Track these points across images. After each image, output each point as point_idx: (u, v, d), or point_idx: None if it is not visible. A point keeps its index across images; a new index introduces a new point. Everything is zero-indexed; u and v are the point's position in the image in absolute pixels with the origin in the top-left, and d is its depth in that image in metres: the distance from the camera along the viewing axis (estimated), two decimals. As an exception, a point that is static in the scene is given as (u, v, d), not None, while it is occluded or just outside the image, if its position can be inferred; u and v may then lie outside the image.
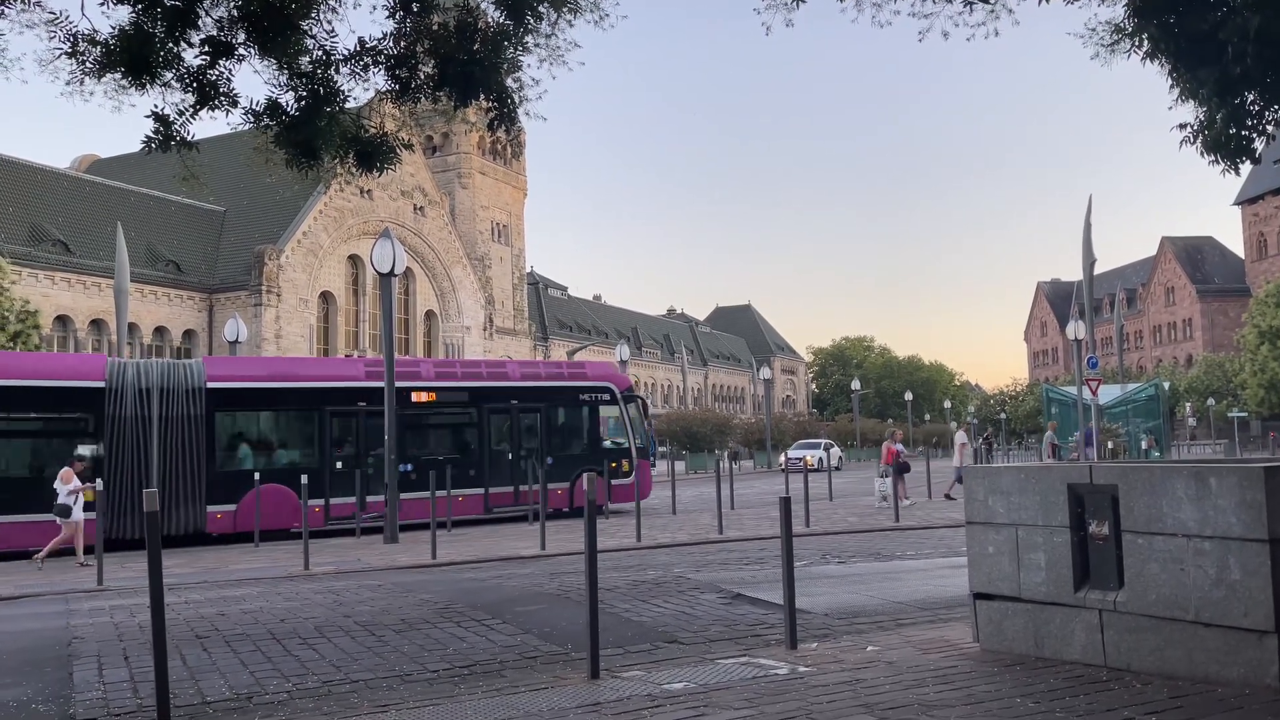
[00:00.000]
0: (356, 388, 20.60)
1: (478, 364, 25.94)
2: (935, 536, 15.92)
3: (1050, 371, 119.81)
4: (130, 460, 18.02)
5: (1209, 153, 8.46)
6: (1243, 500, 5.06)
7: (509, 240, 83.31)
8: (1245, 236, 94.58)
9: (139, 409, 18.24)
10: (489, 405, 22.19)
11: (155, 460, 18.22)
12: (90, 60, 7.43)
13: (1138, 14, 8.23)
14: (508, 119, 8.58)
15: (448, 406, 22.17)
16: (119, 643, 8.40)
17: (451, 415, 22.45)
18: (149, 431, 18.26)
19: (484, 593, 10.69)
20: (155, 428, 18.30)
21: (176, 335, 59.41)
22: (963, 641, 6.66)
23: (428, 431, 22.21)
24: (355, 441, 20.59)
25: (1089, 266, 30.15)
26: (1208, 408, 71.43)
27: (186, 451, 18.55)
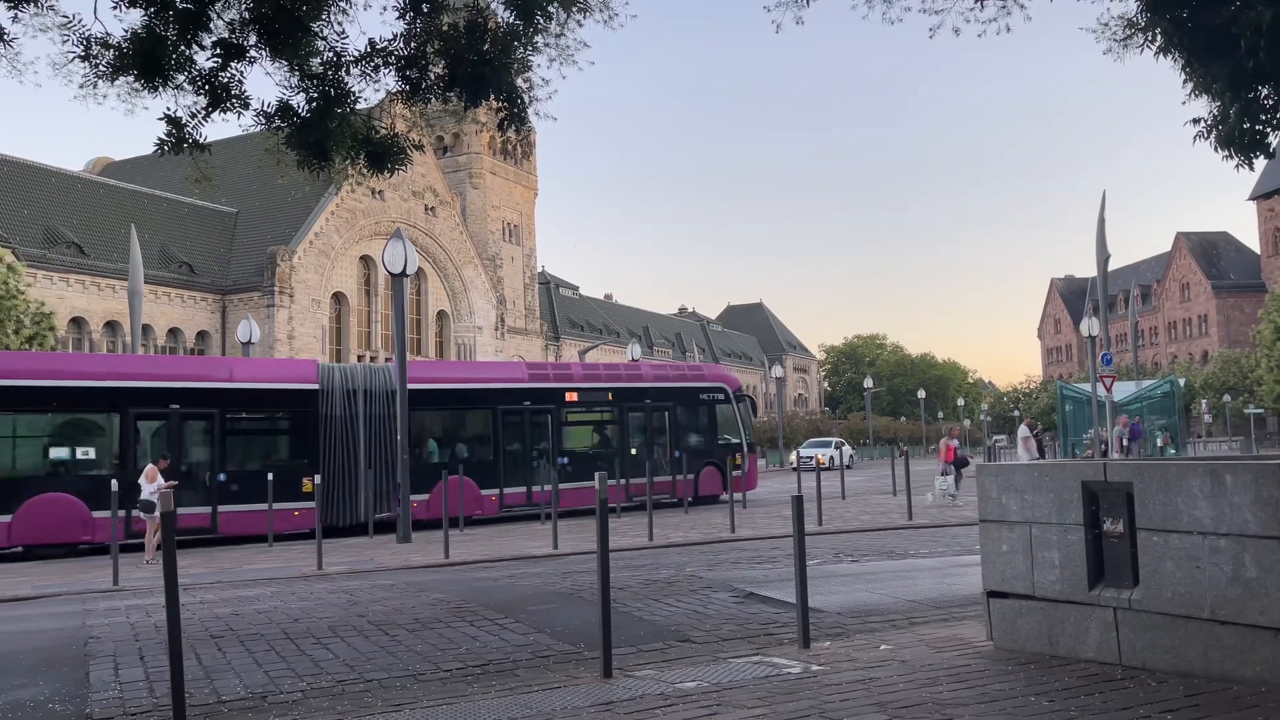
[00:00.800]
0: (522, 388, 22.95)
1: (616, 366, 27.86)
2: (948, 534, 15.87)
3: (1064, 368, 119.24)
4: (341, 454, 20.07)
5: (1223, 148, 8.41)
6: (1259, 497, 5.03)
7: (520, 240, 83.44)
8: (1261, 232, 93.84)
9: (347, 408, 20.34)
10: (628, 404, 24.39)
11: (362, 454, 20.27)
12: (103, 63, 7.48)
13: (1151, 8, 8.18)
14: (518, 119, 8.60)
15: (596, 405, 24.30)
16: (135, 642, 8.45)
17: (598, 413, 24.49)
18: (356, 428, 20.33)
19: (497, 592, 10.71)
20: (361, 425, 20.40)
21: (190, 336, 59.72)
22: (976, 640, 6.64)
23: (579, 428, 24.28)
24: (522, 437, 22.79)
25: (1103, 262, 29.96)
26: (1223, 404, 70.97)
27: (384, 446, 20.52)
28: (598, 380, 24.62)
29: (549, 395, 23.15)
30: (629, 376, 25.42)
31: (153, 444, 18.75)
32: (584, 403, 23.94)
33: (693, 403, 25.54)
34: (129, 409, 18.44)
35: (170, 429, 18.91)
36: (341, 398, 20.28)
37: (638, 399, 24.57)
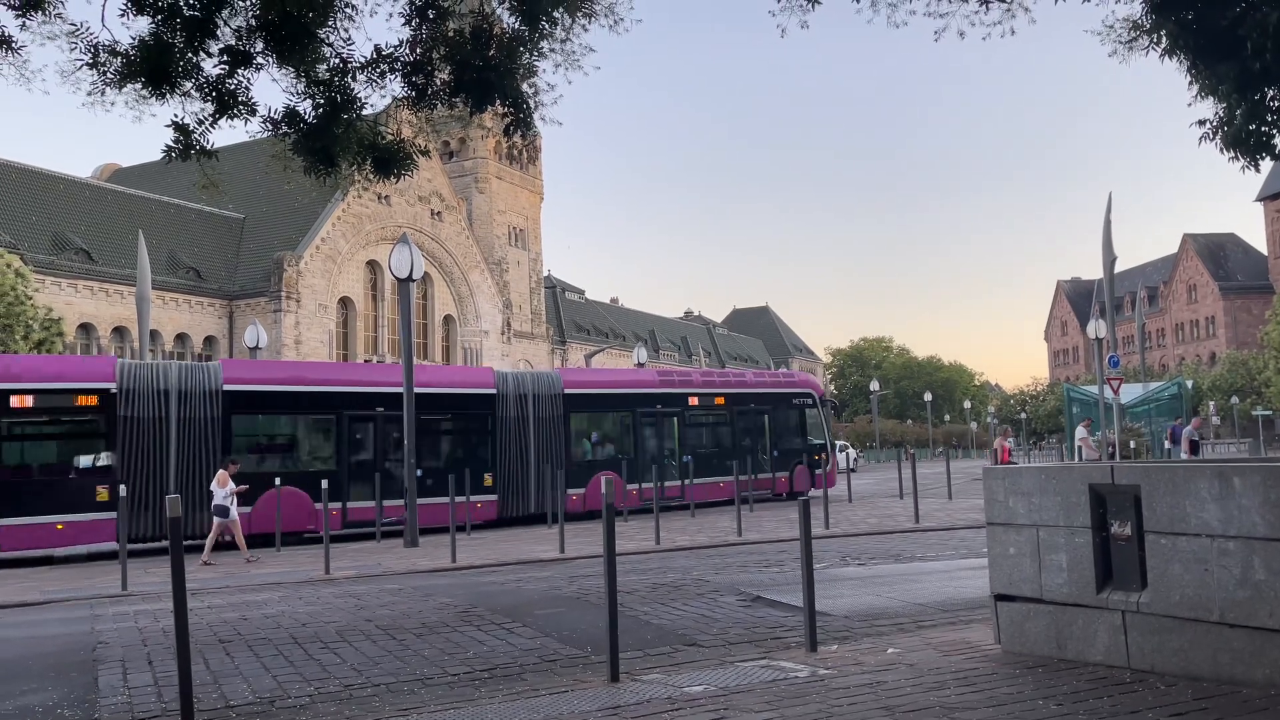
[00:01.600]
0: (657, 393, 25.16)
1: (727, 373, 30.70)
2: (956, 538, 15.84)
3: (1071, 371, 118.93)
4: (515, 452, 22.16)
5: (1229, 149, 8.39)
6: (1267, 499, 5.02)
7: (526, 244, 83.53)
8: (1268, 233, 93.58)
9: (519, 410, 22.40)
10: (737, 408, 26.56)
11: (533, 451, 22.28)
12: (111, 71, 7.52)
13: (1156, 10, 8.18)
14: (524, 124, 8.63)
15: (712, 409, 26.38)
16: (143, 647, 8.48)
17: (714, 416, 26.49)
18: (527, 428, 22.45)
19: (503, 596, 10.72)
20: (531, 426, 22.52)
21: (197, 342, 59.87)
22: (984, 643, 6.62)
23: (699, 429, 26.42)
24: (658, 437, 24.98)
25: (1109, 264, 29.90)
26: (1231, 406, 70.70)
27: (549, 445, 22.60)
28: (713, 386, 27.05)
29: (676, 399, 25.43)
30: (737, 383, 28.02)
31: (361, 442, 20.84)
32: (703, 406, 26.14)
33: (788, 406, 27.87)
34: (344, 411, 20.53)
35: (375, 429, 20.83)
36: (515, 401, 22.45)
37: (745, 403, 26.81)
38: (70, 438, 18.49)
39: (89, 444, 18.28)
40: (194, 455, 18.54)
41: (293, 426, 20.66)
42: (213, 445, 18.74)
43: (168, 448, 18.33)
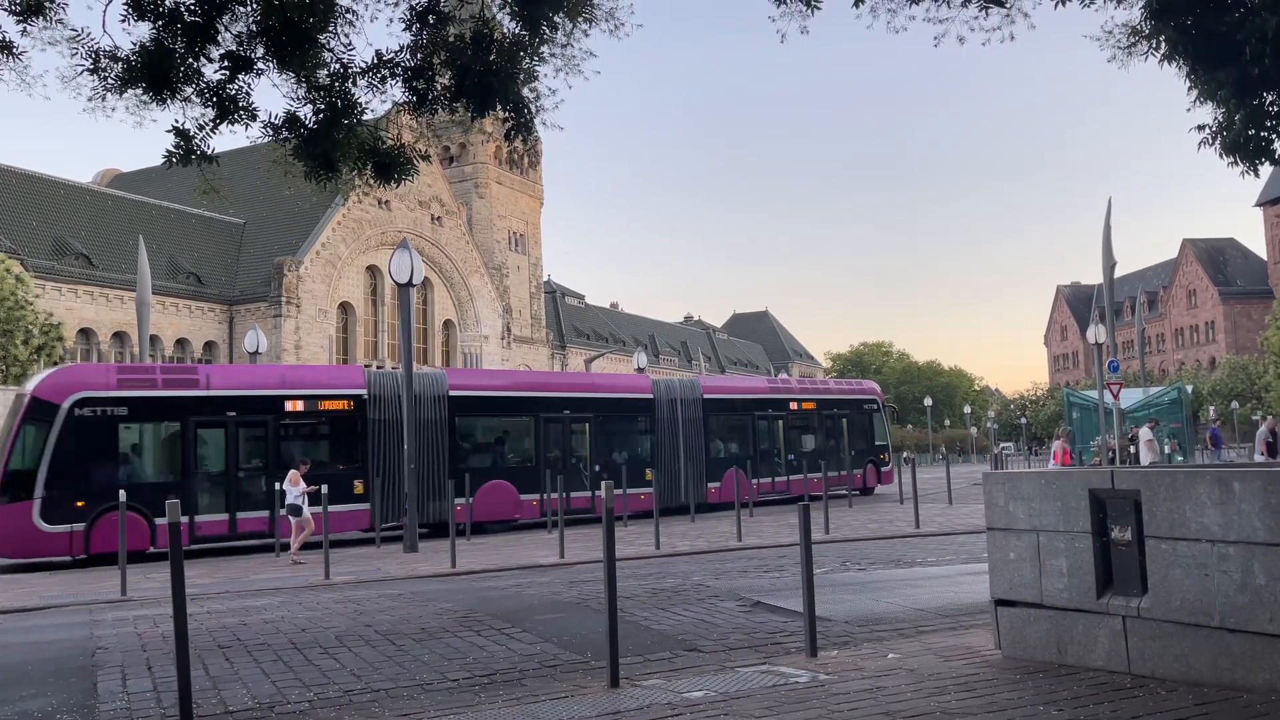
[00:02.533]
0: (769, 398, 28.50)
1: (815, 381, 34.35)
2: (956, 542, 15.83)
3: (1071, 375, 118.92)
4: (668, 449, 24.90)
5: (1228, 154, 8.41)
6: (1267, 504, 5.01)
7: (526, 249, 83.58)
8: (1268, 238, 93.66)
9: (671, 413, 25.11)
10: (824, 412, 29.69)
11: (682, 449, 24.97)
12: (112, 76, 7.54)
13: (1155, 16, 8.20)
14: (524, 129, 8.64)
15: (808, 413, 29.38)
16: (142, 653, 8.47)
17: (808, 419, 29.48)
18: (677, 428, 25.16)
19: (503, 601, 10.71)
20: (680, 427, 25.24)
21: (198, 347, 59.88)
22: (984, 648, 6.62)
23: (798, 431, 29.13)
24: (770, 438, 27.91)
25: (1109, 269, 29.90)
26: (1231, 411, 70.70)
27: (693, 444, 25.31)
28: (808, 392, 30.59)
29: (781, 404, 28.61)
30: (822, 389, 31.62)
31: (551, 441, 23.39)
32: (800, 410, 29.16)
33: (859, 410, 30.95)
34: (540, 414, 23.18)
35: (562, 430, 23.56)
36: (666, 404, 25.20)
37: (829, 408, 29.96)
38: (331, 437, 20.60)
39: (346, 442, 20.42)
40: (427, 452, 20.75)
41: (501, 427, 23.32)
42: (441, 444, 21.17)
43: (398, 444, 20.03)
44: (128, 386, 18.17)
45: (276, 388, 19.94)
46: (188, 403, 18.66)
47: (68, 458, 17.09)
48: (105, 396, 17.73)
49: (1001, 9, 8.26)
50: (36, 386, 17.73)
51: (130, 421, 18.11)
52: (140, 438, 18.62)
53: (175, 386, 18.82)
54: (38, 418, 17.14)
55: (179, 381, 19.07)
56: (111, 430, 17.79)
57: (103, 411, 17.60)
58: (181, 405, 18.60)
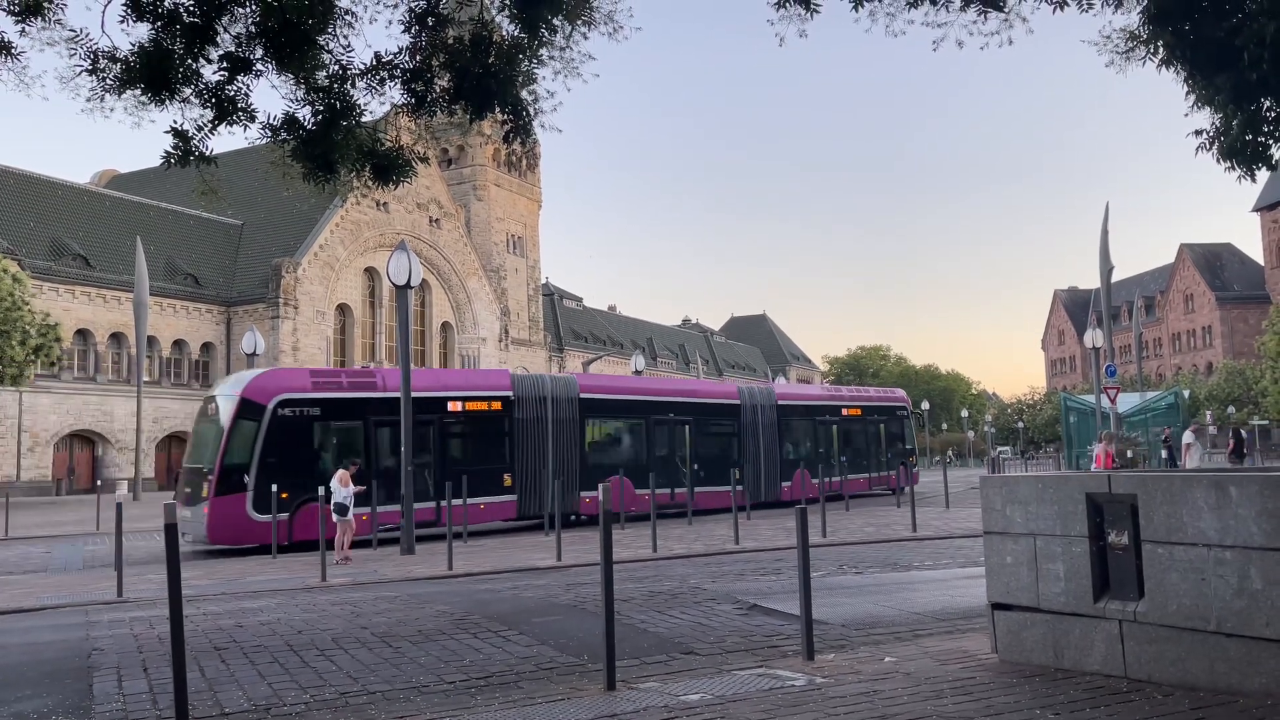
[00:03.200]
0: (827, 404, 31.68)
1: (857, 389, 36.56)
2: (953, 546, 15.84)
3: (1068, 380, 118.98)
4: (752, 452, 27.17)
5: (1225, 159, 8.42)
6: (1264, 509, 5.02)
7: (524, 252, 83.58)
8: (1265, 243, 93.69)
9: (753, 417, 27.60)
10: (869, 417, 32.33)
11: (762, 452, 27.47)
12: (110, 77, 7.53)
13: (1153, 21, 8.21)
14: (523, 131, 8.64)
15: (856, 418, 31.98)
16: (138, 654, 8.45)
17: (856, 424, 31.97)
18: (759, 431, 27.62)
19: (500, 604, 10.70)
20: (760, 431, 27.62)
21: (195, 348, 59.81)
22: (981, 652, 6.62)
23: (847, 434, 31.62)
24: (828, 440, 30.58)
25: (1106, 274, 30.01)
26: (1228, 416, 70.75)
27: (770, 445, 27.91)
28: (855, 399, 33.10)
29: (835, 410, 31.39)
30: (865, 396, 34.17)
31: (659, 440, 25.60)
32: (850, 416, 31.76)
33: (894, 416, 33.65)
34: (650, 415, 25.43)
35: (668, 431, 25.73)
36: (750, 410, 27.51)
37: (872, 413, 32.71)
38: (483, 435, 22.23)
39: (495, 439, 22.07)
40: (562, 449, 22.63)
41: (620, 428, 25.43)
42: (575, 442, 23.08)
43: (545, 443, 22.37)
44: (320, 389, 19.79)
45: (440, 390, 21.66)
46: (368, 403, 20.16)
47: (273, 454, 18.43)
48: (302, 398, 19.21)
49: (1000, 13, 8.27)
50: (245, 389, 18.94)
51: (322, 420, 19.60)
52: (331, 435, 20.00)
53: (358, 389, 20.36)
54: (247, 417, 18.48)
55: (360, 384, 20.59)
56: (308, 428, 19.29)
57: (300, 411, 19.04)
58: (363, 405, 20.12)
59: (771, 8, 8.19)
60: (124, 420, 52.74)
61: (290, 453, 18.73)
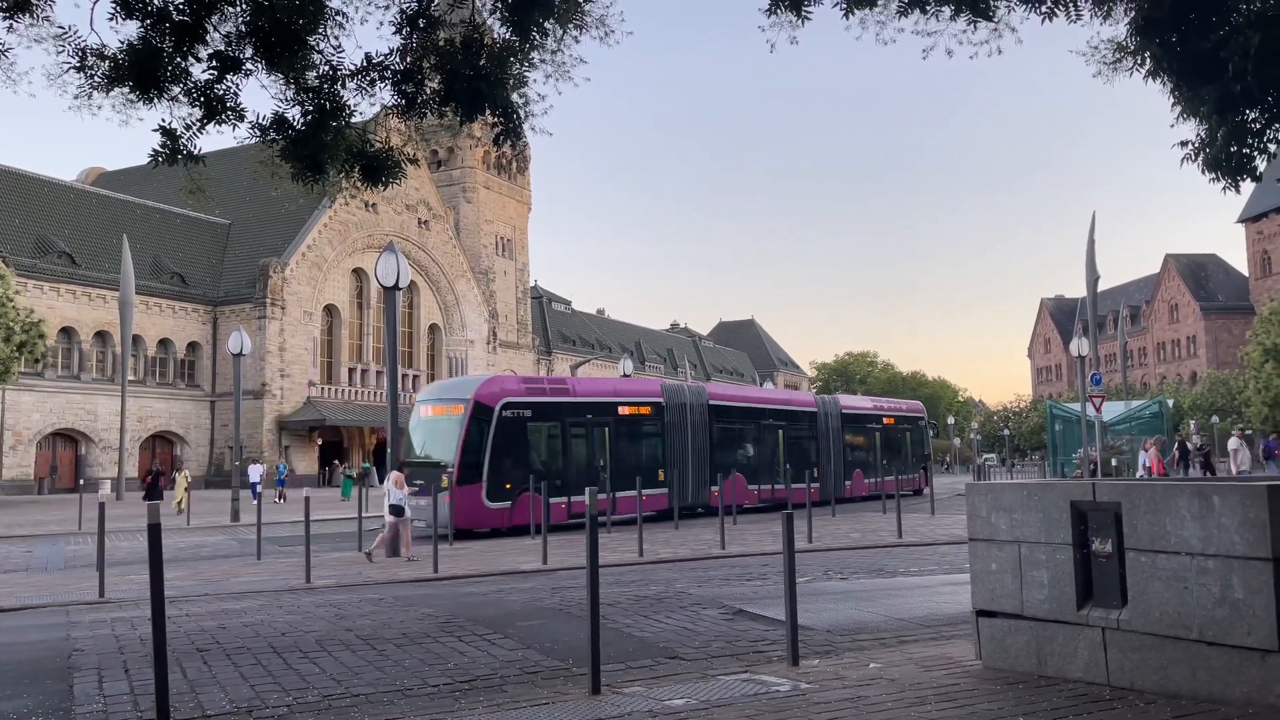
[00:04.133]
0: (873, 413, 35.58)
1: (889, 400, 42.14)
2: (938, 553, 15.88)
3: (1054, 388, 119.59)
4: (825, 455, 30.98)
5: (1210, 170, 8.48)
6: (1246, 519, 5.05)
7: (513, 254, 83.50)
8: (1249, 254, 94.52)
9: (826, 425, 31.61)
10: (901, 426, 36.86)
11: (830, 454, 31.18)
12: (98, 74, 7.50)
13: (1140, 32, 8.27)
14: (513, 134, 8.63)
15: (889, 427, 35.88)
16: (119, 655, 8.39)
17: (890, 432, 35.98)
18: (828, 436, 31.48)
19: (485, 607, 10.68)
20: (830, 436, 31.53)
21: (180, 347, 59.53)
22: (965, 659, 6.64)
23: (884, 441, 35.46)
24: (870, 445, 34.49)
25: (1093, 283, 30.21)
26: (1212, 425, 71.24)
27: (836, 449, 31.72)
28: (893, 411, 37.47)
29: (878, 419, 35.39)
30: (897, 408, 38.28)
31: (764, 442, 29.10)
32: (888, 425, 35.77)
33: (916, 425, 38.02)
34: (758, 420, 29.25)
35: (768, 434, 29.50)
36: (823, 417, 31.54)
37: (901, 423, 36.86)
38: (642, 435, 25.47)
39: (651, 439, 25.44)
40: (695, 449, 25.83)
41: (736, 431, 28.46)
42: (706, 443, 26.28)
43: (686, 443, 25.58)
44: (530, 394, 22.84)
45: (611, 396, 25.07)
46: (564, 407, 23.38)
47: (499, 449, 21.26)
48: (520, 401, 22.08)
49: (989, 23, 8.31)
50: (476, 393, 21.67)
51: (533, 420, 22.46)
52: (539, 434, 22.89)
53: (556, 394, 23.60)
54: (480, 418, 21.15)
55: (557, 389, 23.99)
56: (524, 428, 22.13)
57: (518, 413, 21.90)
58: (560, 408, 23.30)
59: (763, 14, 8.22)
60: (108, 419, 52.43)
61: (511, 449, 21.60)
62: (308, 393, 61.84)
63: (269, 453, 58.30)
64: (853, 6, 8.15)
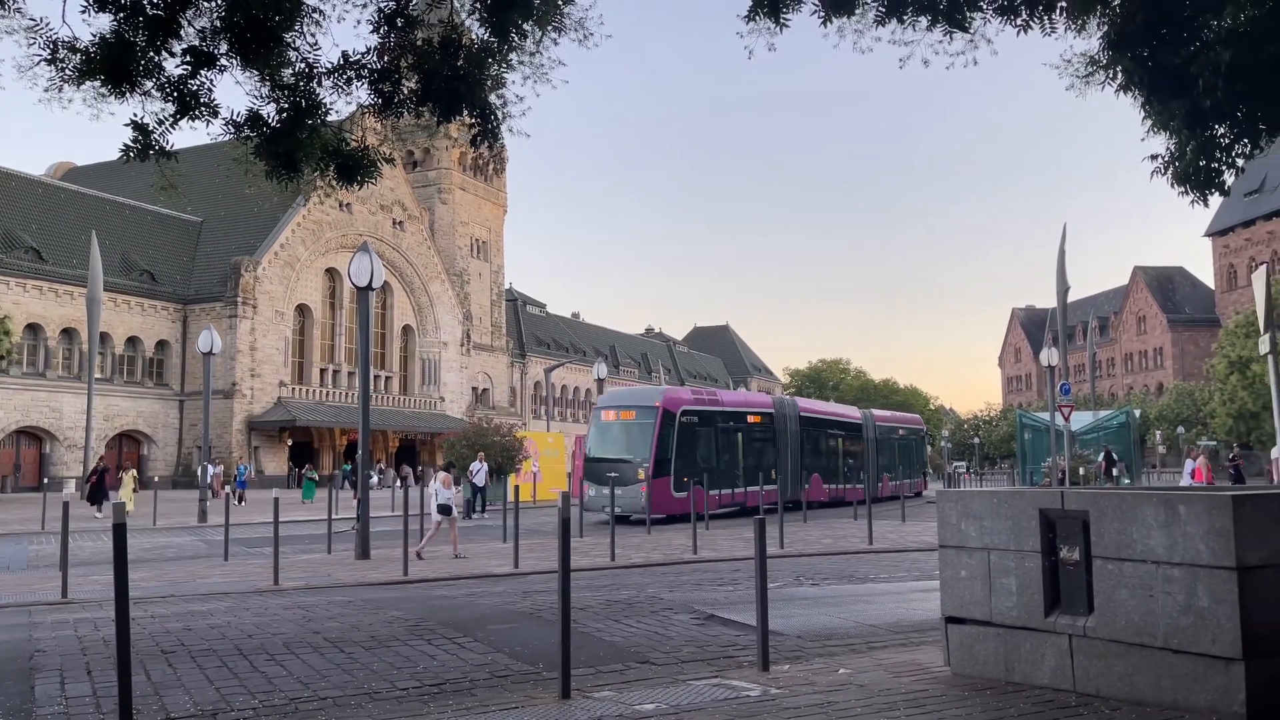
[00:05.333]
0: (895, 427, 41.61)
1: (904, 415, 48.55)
2: (908, 559, 15.98)
3: (1024, 397, 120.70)
4: (869, 461, 35.95)
5: (1179, 184, 8.59)
6: (1211, 528, 5.12)
7: (488, 256, 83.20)
8: (1215, 268, 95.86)
9: (869, 435, 37.51)
10: (910, 437, 42.88)
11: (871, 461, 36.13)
12: (70, 67, 7.39)
13: (1112, 47, 8.37)
14: (491, 135, 8.60)
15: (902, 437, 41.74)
16: (82, 656, 8.27)
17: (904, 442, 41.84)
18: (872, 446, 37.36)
19: (455, 610, 10.61)
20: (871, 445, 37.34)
21: (149, 346, 58.80)
22: (934, 665, 6.68)
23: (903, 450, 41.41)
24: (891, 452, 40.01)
25: (1063, 294, 30.47)
26: (1177, 435, 72.18)
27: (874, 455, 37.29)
28: (904, 423, 43.76)
29: (895, 430, 41.29)
30: (905, 422, 44.20)
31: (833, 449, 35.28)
32: (902, 436, 41.96)
33: (917, 435, 44.35)
34: (827, 430, 35.16)
35: (834, 441, 35.33)
36: (868, 428, 37.49)
37: (908, 434, 42.86)
38: (763, 440, 30.40)
39: (768, 443, 30.47)
40: (794, 453, 31.44)
41: (816, 438, 33.78)
42: (798, 447, 31.62)
43: (787, 446, 31.01)
44: (697, 403, 28.01)
45: (743, 406, 31.11)
46: (716, 415, 28.48)
47: (681, 449, 25.97)
48: (692, 409, 27.06)
49: (965, 34, 8.39)
50: (663, 401, 26.50)
51: (700, 425, 27.23)
52: (703, 437, 27.54)
53: (711, 404, 28.91)
54: (667, 423, 25.81)
55: (712, 400, 29.60)
56: (695, 431, 26.90)
57: (690, 419, 26.71)
58: (715, 416, 28.36)
59: (741, 20, 8.25)
60: (73, 418, 51.70)
61: (687, 449, 26.24)
62: (278, 393, 61.27)
63: (238, 453, 57.69)
64: (831, 14, 8.19)
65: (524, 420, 77.76)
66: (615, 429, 27.03)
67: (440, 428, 65.47)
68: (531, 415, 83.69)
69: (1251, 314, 54.68)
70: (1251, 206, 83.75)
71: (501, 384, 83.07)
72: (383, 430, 64.11)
